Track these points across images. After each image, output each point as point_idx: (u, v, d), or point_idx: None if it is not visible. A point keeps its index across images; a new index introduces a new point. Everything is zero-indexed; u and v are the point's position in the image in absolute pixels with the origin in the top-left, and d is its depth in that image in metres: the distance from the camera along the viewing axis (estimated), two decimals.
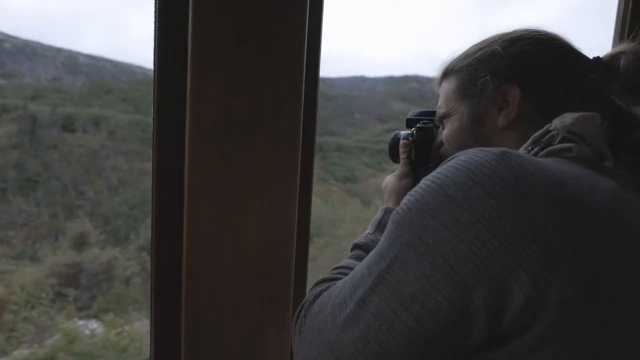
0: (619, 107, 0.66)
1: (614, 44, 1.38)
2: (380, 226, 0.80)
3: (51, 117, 8.62)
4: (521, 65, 0.67)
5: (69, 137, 8.56)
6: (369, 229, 0.81)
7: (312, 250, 1.03)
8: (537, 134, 0.61)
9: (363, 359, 0.52)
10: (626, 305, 0.47)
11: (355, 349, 0.52)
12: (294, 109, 0.84)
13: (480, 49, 0.71)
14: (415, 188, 0.53)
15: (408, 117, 0.90)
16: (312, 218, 1.01)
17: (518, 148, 0.62)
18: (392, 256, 0.52)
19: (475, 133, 0.71)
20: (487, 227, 0.46)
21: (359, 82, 15.30)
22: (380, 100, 13.40)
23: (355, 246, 0.78)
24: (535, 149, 0.60)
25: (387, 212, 0.82)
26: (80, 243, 7.47)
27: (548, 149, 0.58)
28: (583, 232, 0.46)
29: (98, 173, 8.22)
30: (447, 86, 0.75)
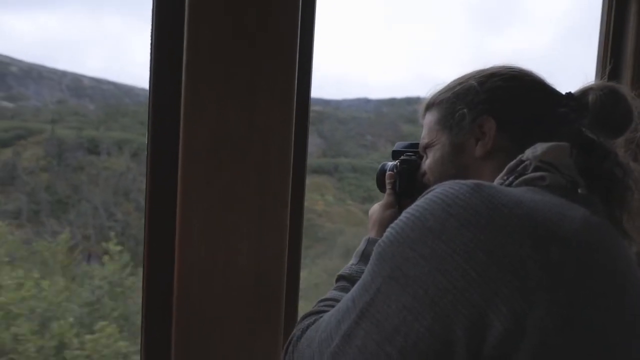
0: (589, 139, 0.68)
1: (597, 66, 1.44)
2: (364, 257, 0.80)
3: (76, 140, 8.72)
4: (496, 99, 0.71)
5: (95, 159, 8.66)
6: (353, 259, 0.81)
7: None
8: (511, 163, 0.63)
9: None
10: (604, 331, 0.48)
11: None
12: (284, 134, 0.86)
13: (459, 83, 0.75)
14: (396, 221, 0.54)
15: (394, 149, 0.92)
16: None
17: (496, 177, 0.65)
18: (375, 289, 0.52)
19: (455, 162, 0.73)
20: (464, 258, 0.47)
21: (362, 104, 15.59)
22: (389, 122, 13.70)
23: (340, 277, 0.78)
24: (510, 179, 0.61)
25: (370, 242, 0.82)
26: None
27: (522, 178, 0.60)
28: (557, 261, 0.47)
29: (126, 195, 8.31)
30: (430, 118, 0.78)
